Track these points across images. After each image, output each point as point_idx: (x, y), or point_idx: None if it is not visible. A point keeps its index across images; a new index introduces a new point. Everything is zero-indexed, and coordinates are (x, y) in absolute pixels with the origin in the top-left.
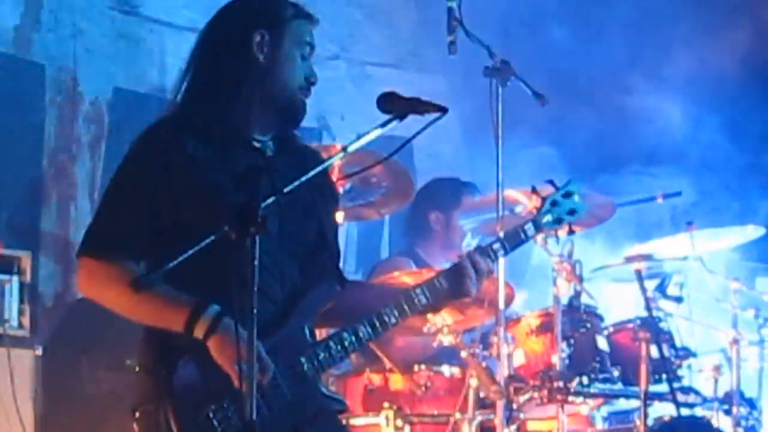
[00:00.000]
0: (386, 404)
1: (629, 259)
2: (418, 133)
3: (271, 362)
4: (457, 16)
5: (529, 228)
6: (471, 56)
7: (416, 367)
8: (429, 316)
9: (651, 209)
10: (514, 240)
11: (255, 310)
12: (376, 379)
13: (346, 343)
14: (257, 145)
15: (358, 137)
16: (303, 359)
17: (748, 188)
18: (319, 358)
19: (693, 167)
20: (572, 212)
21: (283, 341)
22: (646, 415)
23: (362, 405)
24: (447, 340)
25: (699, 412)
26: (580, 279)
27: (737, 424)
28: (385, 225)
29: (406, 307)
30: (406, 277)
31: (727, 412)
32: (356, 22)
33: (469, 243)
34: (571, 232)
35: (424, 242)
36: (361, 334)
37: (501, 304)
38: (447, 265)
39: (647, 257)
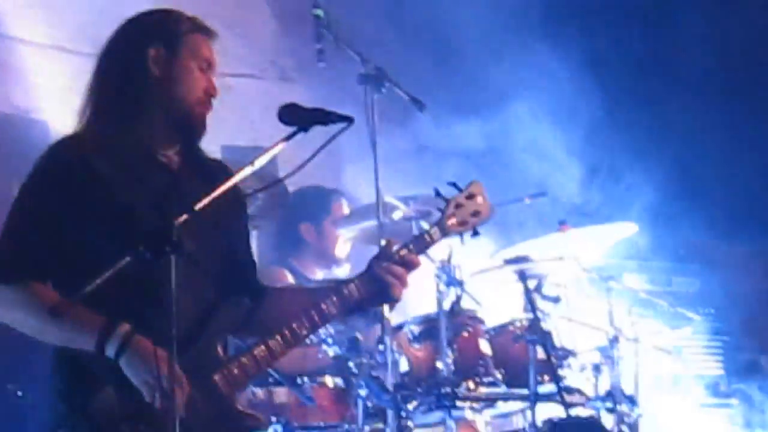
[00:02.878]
0: (273, 418)
1: (508, 262)
2: (324, 145)
3: (186, 381)
4: (324, 24)
5: (435, 232)
6: (332, 63)
7: (299, 380)
8: None
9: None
10: (421, 245)
11: (174, 330)
12: (260, 392)
13: (259, 359)
14: (163, 160)
15: (264, 151)
16: (216, 377)
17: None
18: (233, 375)
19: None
20: (476, 214)
21: (196, 359)
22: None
23: None
24: (333, 350)
25: (582, 411)
26: (461, 283)
27: (621, 421)
28: (252, 237)
29: (317, 319)
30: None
31: (610, 410)
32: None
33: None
34: (475, 233)
35: (298, 254)
36: (273, 348)
37: (386, 312)
38: (321, 275)
39: (525, 259)
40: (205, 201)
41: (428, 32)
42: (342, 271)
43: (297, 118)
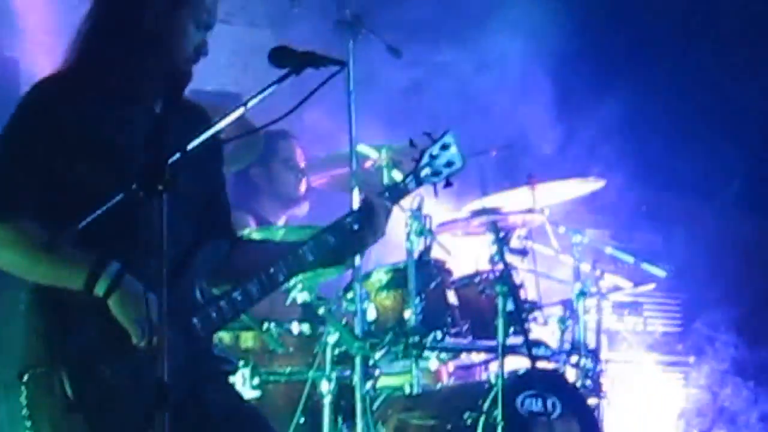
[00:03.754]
0: (241, 362)
1: (476, 213)
2: (317, 88)
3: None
4: None
5: (410, 182)
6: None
7: (266, 325)
8: None
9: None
10: (395, 194)
11: (165, 270)
12: (226, 337)
13: (237, 303)
14: (148, 102)
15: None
16: (195, 320)
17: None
18: (211, 319)
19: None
20: (450, 164)
21: (175, 302)
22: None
23: None
24: (302, 297)
25: (546, 365)
26: (432, 233)
27: (585, 375)
28: None
29: (294, 265)
30: (255, 233)
31: (574, 364)
32: None
33: None
34: (448, 184)
35: (255, 197)
36: (251, 293)
37: (357, 260)
38: (283, 218)
39: (493, 211)
40: (197, 142)
41: None
42: (300, 211)
43: (288, 60)
